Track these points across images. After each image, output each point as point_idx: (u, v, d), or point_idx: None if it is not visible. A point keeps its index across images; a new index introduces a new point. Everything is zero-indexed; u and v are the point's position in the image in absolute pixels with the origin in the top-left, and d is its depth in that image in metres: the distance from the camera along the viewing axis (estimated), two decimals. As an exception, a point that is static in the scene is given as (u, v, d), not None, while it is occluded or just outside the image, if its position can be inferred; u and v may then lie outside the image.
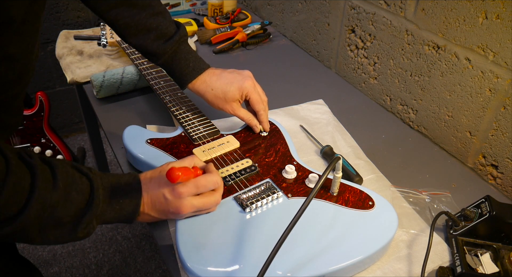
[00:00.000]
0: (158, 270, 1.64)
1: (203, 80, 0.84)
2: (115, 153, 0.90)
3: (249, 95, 0.83)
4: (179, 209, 0.63)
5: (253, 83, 0.84)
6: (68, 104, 2.14)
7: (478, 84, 0.84)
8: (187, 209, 0.63)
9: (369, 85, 1.13)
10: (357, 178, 0.81)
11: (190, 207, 0.63)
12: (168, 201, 0.63)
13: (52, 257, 1.67)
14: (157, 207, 0.64)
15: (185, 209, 0.63)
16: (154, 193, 0.63)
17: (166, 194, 0.63)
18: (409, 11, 0.94)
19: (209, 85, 0.83)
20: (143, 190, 0.63)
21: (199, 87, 0.84)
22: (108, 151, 2.02)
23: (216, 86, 0.83)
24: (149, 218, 0.65)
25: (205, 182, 0.65)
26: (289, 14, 1.37)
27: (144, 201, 0.63)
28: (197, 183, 0.64)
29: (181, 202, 0.63)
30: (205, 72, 0.85)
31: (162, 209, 0.64)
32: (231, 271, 0.60)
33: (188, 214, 0.65)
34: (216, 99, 0.84)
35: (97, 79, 1.03)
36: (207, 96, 0.84)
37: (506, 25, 0.76)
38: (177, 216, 0.65)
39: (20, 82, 0.66)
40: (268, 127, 0.87)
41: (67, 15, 1.88)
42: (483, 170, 0.89)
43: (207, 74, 0.84)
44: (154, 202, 0.63)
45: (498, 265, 0.65)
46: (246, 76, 0.84)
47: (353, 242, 0.65)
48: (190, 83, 0.84)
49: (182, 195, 0.63)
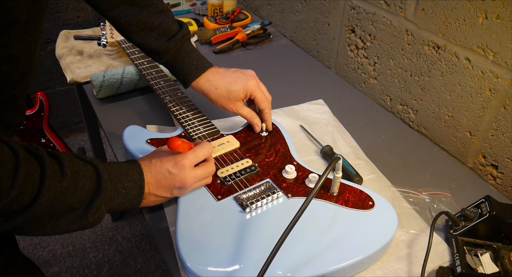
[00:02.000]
0: (158, 270, 1.64)
1: (206, 79, 0.84)
2: (115, 153, 0.90)
3: (254, 94, 0.84)
4: (184, 181, 0.66)
5: (257, 82, 0.85)
6: (68, 104, 2.14)
7: (478, 84, 0.84)
8: (191, 179, 0.67)
9: (369, 85, 1.13)
10: (357, 178, 0.81)
11: (194, 177, 0.67)
12: (172, 175, 0.66)
13: (52, 257, 1.67)
14: (162, 184, 0.66)
15: (189, 180, 0.67)
16: (157, 171, 0.66)
17: (170, 168, 0.66)
18: (409, 11, 0.94)
19: (213, 84, 0.83)
20: (145, 171, 0.65)
21: (203, 85, 0.84)
22: (108, 151, 2.02)
23: (220, 85, 0.83)
24: (155, 199, 0.68)
25: (202, 150, 0.69)
26: (289, 14, 1.37)
27: (148, 181, 0.65)
28: (196, 152, 0.68)
29: (185, 173, 0.66)
30: (209, 70, 0.85)
31: (168, 184, 0.66)
32: (231, 271, 0.60)
33: (192, 186, 0.68)
34: (220, 98, 0.84)
35: (97, 79, 1.03)
36: (211, 94, 0.84)
37: (506, 25, 0.76)
38: (182, 189, 0.68)
39: (23, 82, 0.66)
40: (271, 126, 0.87)
41: (67, 15, 1.88)
42: (483, 170, 0.89)
43: (211, 73, 0.84)
44: (158, 179, 0.66)
45: (498, 265, 0.65)
46: (250, 75, 0.84)
47: (353, 242, 0.65)
48: (194, 81, 0.84)
49: (185, 165, 0.66)
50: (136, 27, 0.81)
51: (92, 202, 0.58)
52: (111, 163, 0.63)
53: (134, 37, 0.83)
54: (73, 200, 0.56)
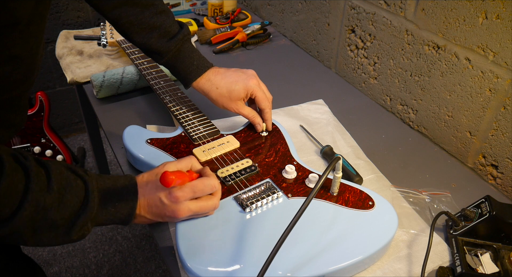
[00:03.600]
0: (158, 270, 1.64)
1: (207, 79, 0.84)
2: (115, 153, 0.90)
3: (255, 93, 0.84)
4: (175, 213, 0.63)
5: (258, 81, 0.85)
6: (68, 104, 2.14)
7: (478, 84, 0.84)
8: (184, 213, 0.63)
9: (369, 85, 1.13)
10: (357, 178, 0.81)
11: (187, 211, 0.63)
12: (164, 205, 0.62)
13: (52, 257, 1.67)
14: (153, 211, 0.63)
15: (181, 213, 0.63)
16: (150, 197, 0.63)
17: (162, 198, 0.62)
18: (409, 11, 0.94)
19: (214, 84, 0.83)
20: (140, 194, 0.62)
21: (204, 85, 0.84)
22: (108, 151, 2.02)
23: (221, 84, 0.83)
24: (145, 220, 0.65)
25: (202, 186, 0.64)
26: (289, 14, 1.37)
27: (140, 204, 0.62)
28: (194, 187, 0.63)
29: (177, 206, 0.62)
30: (210, 70, 0.85)
31: (158, 212, 0.63)
32: (231, 271, 0.60)
33: (184, 218, 0.65)
34: (221, 97, 0.84)
35: (97, 79, 1.03)
36: (212, 94, 0.84)
37: (506, 25, 0.76)
38: (174, 219, 0.65)
39: (26, 82, 0.66)
40: (271, 125, 0.87)
41: (67, 15, 1.88)
42: (483, 170, 0.89)
43: (212, 73, 0.84)
44: (150, 205, 0.63)
45: (498, 265, 0.65)
46: (250, 74, 0.84)
47: (353, 242, 0.65)
48: (195, 81, 0.84)
49: (179, 199, 0.62)
50: (137, 28, 0.81)
51: (77, 219, 0.56)
52: (105, 178, 0.61)
53: (135, 38, 0.83)
54: (57, 216, 0.54)
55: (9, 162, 0.51)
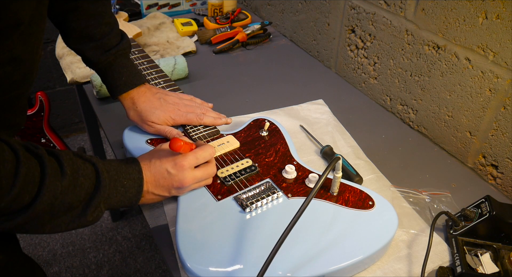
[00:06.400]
0: (158, 270, 1.64)
1: (131, 97, 0.84)
2: (115, 153, 0.90)
3: (176, 119, 0.84)
4: (182, 182, 0.67)
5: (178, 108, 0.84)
6: (68, 104, 2.14)
7: (478, 84, 0.84)
8: (190, 180, 0.67)
9: (369, 85, 1.13)
10: (357, 178, 0.81)
11: (193, 178, 0.68)
12: (171, 175, 0.66)
13: (52, 257, 1.67)
14: (161, 183, 0.67)
15: (188, 181, 0.67)
16: (156, 170, 0.66)
17: (169, 169, 0.66)
18: (409, 11, 0.94)
19: (134, 103, 0.83)
20: (144, 170, 0.66)
21: (125, 101, 0.84)
22: (108, 151, 2.02)
23: (140, 108, 0.83)
24: (153, 197, 0.68)
25: (203, 152, 0.69)
26: (289, 14, 1.37)
27: (147, 180, 0.66)
28: (196, 154, 0.68)
29: (184, 174, 0.67)
30: (136, 89, 0.84)
31: (166, 184, 0.67)
32: (231, 271, 0.60)
33: (190, 186, 0.69)
34: (137, 117, 0.83)
35: (97, 79, 1.03)
36: (130, 111, 0.84)
37: (506, 25, 0.76)
38: (180, 189, 0.68)
39: (25, 82, 0.66)
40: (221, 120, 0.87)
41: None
42: (483, 170, 0.89)
43: (137, 92, 0.84)
44: (157, 179, 0.66)
45: (498, 265, 0.65)
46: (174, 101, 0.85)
47: (353, 242, 0.65)
48: (119, 96, 0.84)
49: (184, 166, 0.66)
50: (77, 34, 0.81)
51: (91, 200, 0.58)
52: (110, 161, 0.64)
53: (72, 43, 0.83)
54: (73, 199, 0.56)
55: (22, 151, 0.52)
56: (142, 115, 0.82)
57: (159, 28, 1.39)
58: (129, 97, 0.84)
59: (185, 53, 1.26)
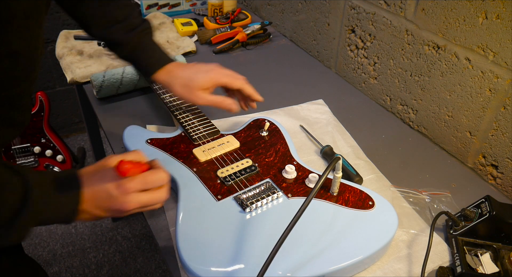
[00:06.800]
0: (158, 270, 1.64)
1: (168, 70, 0.83)
2: (115, 153, 0.90)
3: (220, 79, 0.82)
4: (123, 205, 0.59)
5: (220, 69, 0.83)
6: (68, 104, 2.14)
7: (478, 84, 0.84)
8: (133, 205, 0.59)
9: (369, 85, 1.13)
10: (357, 178, 0.81)
11: (136, 203, 0.60)
12: (112, 197, 0.59)
13: (52, 257, 1.67)
14: (100, 204, 0.59)
15: (130, 205, 0.59)
16: (97, 189, 0.59)
17: (111, 190, 0.58)
18: (409, 11, 0.94)
19: (174, 75, 0.82)
20: (85, 186, 0.58)
21: (165, 76, 0.83)
22: (108, 151, 2.02)
23: (182, 75, 0.82)
24: (89, 217, 0.61)
25: (154, 178, 0.61)
26: (289, 14, 1.37)
27: (85, 198, 0.58)
28: (145, 178, 0.60)
29: (126, 198, 0.59)
30: (170, 63, 0.84)
31: (105, 205, 0.59)
32: (231, 271, 0.60)
33: (132, 211, 0.61)
34: (183, 87, 0.82)
35: (97, 79, 1.03)
36: (174, 85, 0.82)
37: (506, 25, 0.76)
38: (120, 213, 0.61)
39: (26, 79, 0.65)
40: (259, 96, 0.86)
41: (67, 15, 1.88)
42: (483, 170, 0.89)
43: (172, 65, 0.84)
44: (96, 198, 0.59)
45: (498, 265, 0.65)
46: (213, 67, 0.84)
47: (353, 242, 0.65)
48: (156, 73, 0.83)
49: (129, 190, 0.59)
50: (99, 19, 0.81)
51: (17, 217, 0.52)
52: (47, 173, 0.59)
53: (96, 29, 0.82)
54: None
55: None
56: (187, 82, 0.80)
57: (159, 28, 1.39)
58: (166, 71, 0.82)
59: (185, 53, 1.26)
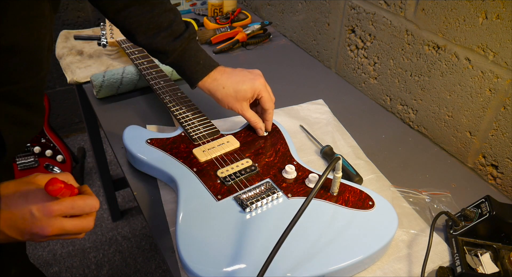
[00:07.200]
0: (158, 270, 1.64)
1: (214, 78, 0.82)
2: (115, 153, 0.90)
3: (261, 93, 0.82)
4: (44, 229, 0.52)
5: (264, 82, 0.84)
6: (68, 104, 2.14)
7: (478, 84, 0.84)
8: (54, 230, 0.53)
9: (369, 85, 1.13)
10: (357, 178, 0.81)
11: (58, 228, 0.53)
12: (34, 219, 0.52)
13: (52, 257, 1.67)
14: (17, 225, 0.52)
15: (51, 230, 0.53)
16: (17, 208, 0.52)
17: (33, 210, 0.52)
18: (409, 11, 0.94)
19: (220, 83, 0.82)
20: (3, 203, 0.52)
21: (210, 85, 0.82)
22: (108, 151, 2.02)
23: (227, 84, 0.81)
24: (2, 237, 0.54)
25: (83, 204, 0.54)
26: (289, 14, 1.37)
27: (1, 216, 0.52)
28: (74, 202, 0.54)
29: (49, 221, 0.52)
30: (216, 69, 0.83)
31: (24, 227, 0.52)
32: (231, 271, 0.60)
33: (51, 238, 0.54)
34: (227, 97, 0.82)
35: (97, 79, 1.03)
36: (218, 94, 0.82)
37: (506, 25, 0.76)
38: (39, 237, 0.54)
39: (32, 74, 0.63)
40: (270, 126, 0.87)
41: (67, 15, 1.88)
42: (483, 170, 0.89)
43: (218, 72, 0.83)
44: (15, 219, 0.52)
45: (498, 265, 0.65)
46: (257, 74, 0.83)
47: (353, 242, 0.65)
48: (201, 81, 0.83)
49: (54, 213, 0.52)
50: (145, 27, 0.80)
51: None
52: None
53: (141, 37, 0.81)
54: None
55: None
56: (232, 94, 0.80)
57: (159, 28, 1.39)
58: (212, 79, 0.82)
59: (185, 53, 1.26)
